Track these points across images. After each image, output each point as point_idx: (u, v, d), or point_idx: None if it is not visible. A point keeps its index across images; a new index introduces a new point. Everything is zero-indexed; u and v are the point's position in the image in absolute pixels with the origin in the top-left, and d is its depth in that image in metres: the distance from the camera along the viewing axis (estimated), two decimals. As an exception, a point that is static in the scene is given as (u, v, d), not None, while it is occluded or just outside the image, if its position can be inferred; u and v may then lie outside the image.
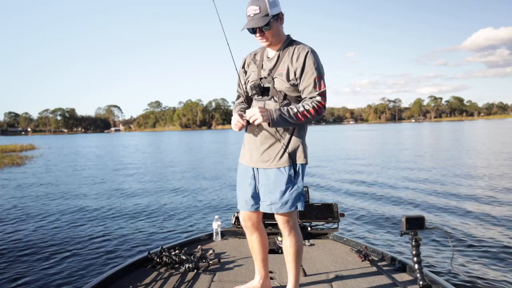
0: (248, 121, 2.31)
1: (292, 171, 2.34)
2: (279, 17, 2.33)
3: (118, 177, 15.25)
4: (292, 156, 2.34)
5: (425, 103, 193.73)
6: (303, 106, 2.26)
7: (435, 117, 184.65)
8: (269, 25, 2.28)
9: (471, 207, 7.96)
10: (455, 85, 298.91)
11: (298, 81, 2.31)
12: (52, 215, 8.37)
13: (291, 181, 2.34)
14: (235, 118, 2.36)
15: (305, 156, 2.37)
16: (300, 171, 2.36)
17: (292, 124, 2.29)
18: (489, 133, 44.74)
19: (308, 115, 2.25)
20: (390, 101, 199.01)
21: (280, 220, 2.42)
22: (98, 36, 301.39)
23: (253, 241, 2.64)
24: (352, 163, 17.54)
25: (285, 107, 2.27)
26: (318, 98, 2.28)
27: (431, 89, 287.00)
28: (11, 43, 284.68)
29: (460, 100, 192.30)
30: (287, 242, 2.46)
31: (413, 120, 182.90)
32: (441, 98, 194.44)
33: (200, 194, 10.84)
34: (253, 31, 2.31)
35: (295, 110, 2.25)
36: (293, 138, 2.35)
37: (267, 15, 2.25)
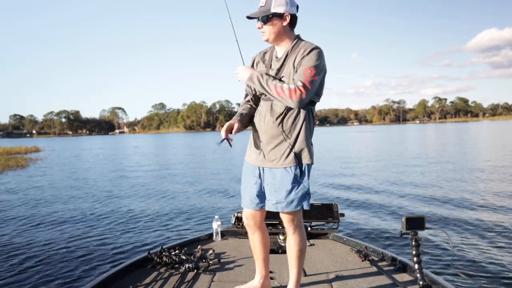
0: (251, 125, 2.41)
1: (298, 170, 2.35)
2: (284, 17, 2.34)
3: (120, 178, 15.30)
4: (298, 156, 2.35)
5: (429, 104, 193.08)
6: (283, 83, 2.28)
7: (439, 118, 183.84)
8: (268, 20, 2.34)
9: (472, 208, 7.92)
10: (459, 86, 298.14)
11: None
12: (53, 215, 8.41)
13: (297, 181, 2.35)
14: (224, 126, 2.41)
15: (311, 156, 2.38)
16: (306, 171, 2.37)
17: (267, 93, 2.32)
18: (494, 134, 44.49)
19: (281, 94, 2.25)
20: (394, 102, 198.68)
21: (285, 218, 2.43)
22: (102, 38, 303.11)
23: (255, 240, 2.64)
24: (353, 164, 17.53)
25: (270, 77, 2.33)
26: (300, 83, 2.23)
27: (435, 90, 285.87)
28: (15, 45, 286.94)
29: (465, 101, 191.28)
30: (291, 240, 2.47)
31: (417, 121, 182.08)
32: (445, 99, 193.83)
33: (201, 194, 10.86)
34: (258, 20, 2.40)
35: (274, 82, 2.29)
36: (299, 138, 2.35)
37: (268, 10, 2.32)
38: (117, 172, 17.70)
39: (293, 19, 2.38)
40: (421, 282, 2.54)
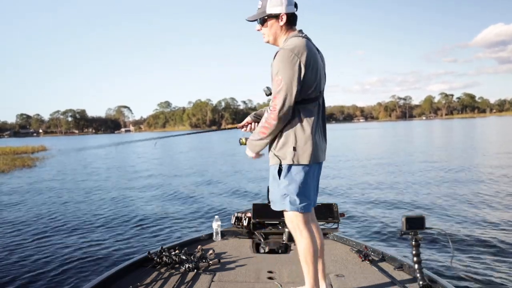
0: None
1: (276, 170, 2.34)
2: (280, 17, 2.33)
3: (122, 178, 15.35)
4: (278, 156, 2.33)
5: (436, 100, 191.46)
6: (262, 121, 2.32)
7: (446, 114, 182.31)
8: (264, 22, 2.36)
9: (471, 207, 7.86)
10: (466, 81, 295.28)
11: None
12: (54, 215, 8.47)
13: (275, 181, 2.36)
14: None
15: (294, 157, 2.28)
16: (286, 172, 2.32)
17: (265, 139, 2.33)
18: (500, 131, 44.09)
19: (269, 128, 2.27)
20: (400, 98, 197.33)
21: (285, 218, 2.44)
22: (107, 37, 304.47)
23: None
24: (353, 163, 17.40)
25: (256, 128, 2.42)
26: (271, 104, 2.26)
27: (441, 86, 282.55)
28: (21, 45, 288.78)
29: (472, 96, 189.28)
30: (296, 242, 2.44)
31: (424, 118, 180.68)
32: (452, 95, 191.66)
33: (201, 194, 10.84)
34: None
35: (257, 130, 2.35)
36: (280, 138, 2.32)
37: (264, 12, 2.33)
38: (119, 172, 17.75)
39: (291, 18, 2.35)
40: (421, 282, 2.53)
